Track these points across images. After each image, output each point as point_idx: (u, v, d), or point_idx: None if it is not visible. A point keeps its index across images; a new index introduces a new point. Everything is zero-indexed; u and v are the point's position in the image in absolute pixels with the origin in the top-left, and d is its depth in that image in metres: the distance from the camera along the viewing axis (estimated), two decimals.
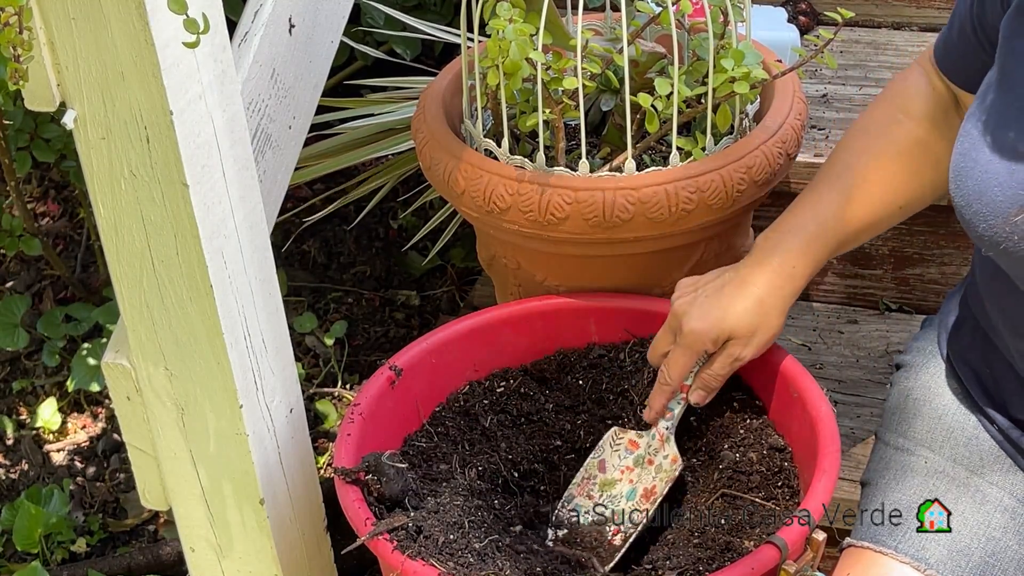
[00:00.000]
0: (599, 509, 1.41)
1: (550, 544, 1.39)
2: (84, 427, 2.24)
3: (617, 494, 1.42)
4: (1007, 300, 1.29)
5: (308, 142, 1.81)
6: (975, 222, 1.21)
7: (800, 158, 1.63)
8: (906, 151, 1.40)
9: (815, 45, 1.58)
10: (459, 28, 1.66)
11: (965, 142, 1.23)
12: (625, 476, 1.43)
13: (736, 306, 1.36)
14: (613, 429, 1.45)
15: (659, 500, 1.40)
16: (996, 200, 1.18)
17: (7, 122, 2.05)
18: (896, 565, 1.31)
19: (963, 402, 1.40)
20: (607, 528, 1.40)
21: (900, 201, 1.41)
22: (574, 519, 1.41)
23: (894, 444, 1.42)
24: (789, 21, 2.09)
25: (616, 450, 1.44)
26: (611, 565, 1.37)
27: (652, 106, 1.49)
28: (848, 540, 1.37)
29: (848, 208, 1.38)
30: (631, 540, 1.39)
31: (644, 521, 1.39)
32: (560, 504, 1.43)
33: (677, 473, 1.41)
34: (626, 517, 1.40)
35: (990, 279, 1.32)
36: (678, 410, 1.42)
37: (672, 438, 1.42)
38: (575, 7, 1.56)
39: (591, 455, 1.45)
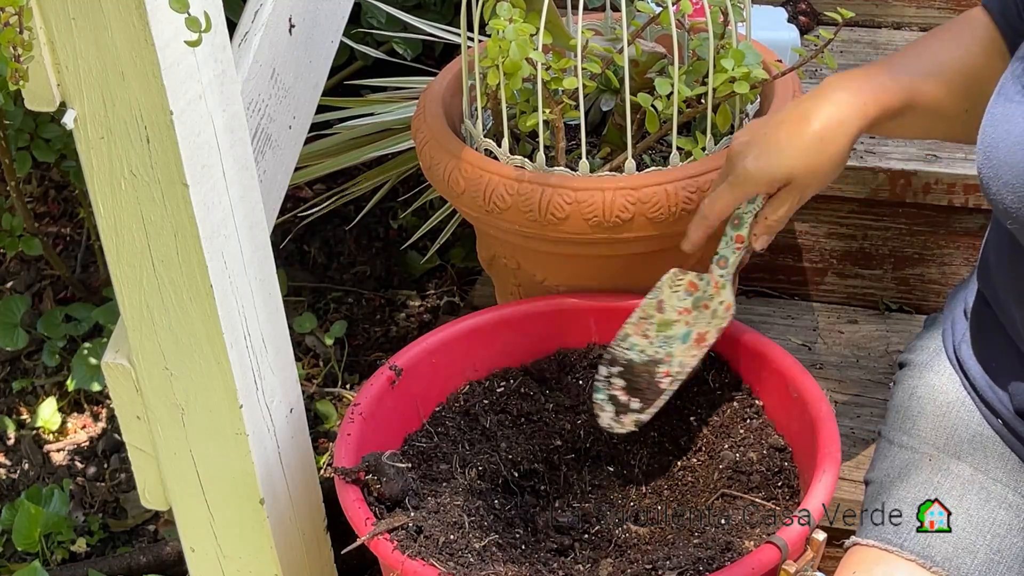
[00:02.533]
0: (654, 349, 1.39)
1: (602, 383, 1.39)
2: (84, 427, 2.24)
3: (673, 335, 1.40)
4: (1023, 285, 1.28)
5: (308, 142, 1.81)
6: (1003, 194, 1.17)
7: None
8: (983, 54, 1.34)
9: (815, 45, 1.58)
10: (459, 28, 1.66)
11: (996, 111, 1.20)
12: (683, 318, 1.42)
13: (795, 143, 1.29)
14: (672, 270, 1.43)
15: (706, 348, 1.41)
16: None
17: (7, 122, 2.05)
18: (901, 563, 1.31)
19: (968, 399, 1.40)
20: (659, 368, 1.40)
21: (965, 105, 1.35)
22: (628, 357, 1.40)
23: (898, 442, 1.42)
24: (789, 21, 2.09)
25: (676, 291, 1.42)
26: (654, 409, 1.40)
27: (652, 106, 1.49)
28: (853, 538, 1.37)
29: (922, 82, 1.32)
30: (679, 380, 1.41)
31: (693, 365, 1.40)
32: (615, 341, 1.43)
33: (727, 323, 1.39)
34: (676, 359, 1.40)
35: (1008, 266, 1.31)
36: (733, 259, 1.39)
37: (729, 286, 1.40)
38: (575, 7, 1.56)
39: (648, 295, 1.43)
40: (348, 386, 2.23)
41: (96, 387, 2.21)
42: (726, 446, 1.44)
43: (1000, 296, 1.35)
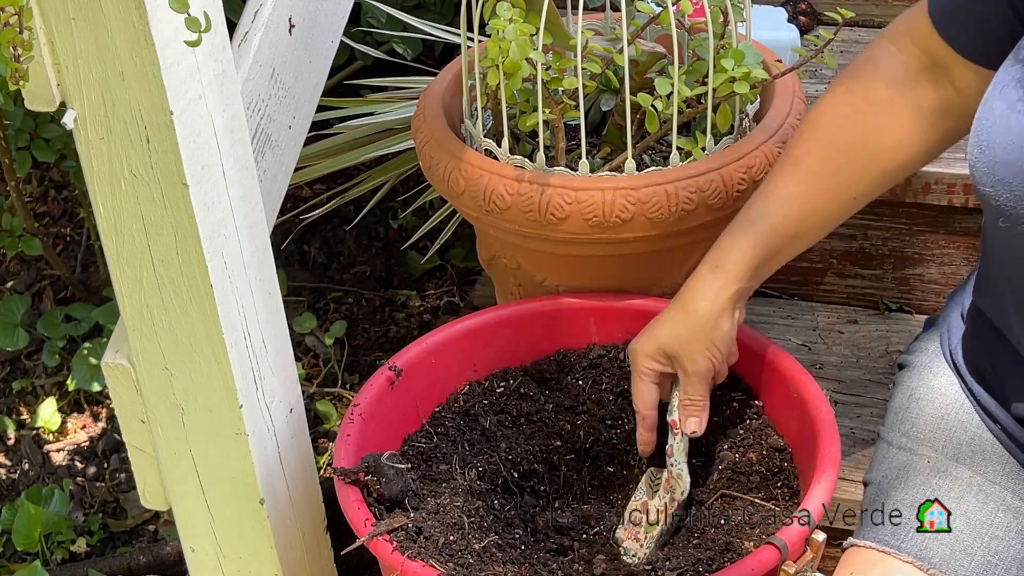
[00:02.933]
0: (644, 551, 1.40)
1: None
2: (84, 427, 2.24)
3: (659, 533, 1.41)
4: (1019, 289, 1.27)
5: (308, 142, 1.81)
6: (998, 191, 1.16)
7: None
8: (858, 144, 1.36)
9: (815, 45, 1.58)
10: (459, 28, 1.66)
11: (994, 108, 1.18)
12: (664, 514, 1.42)
13: (663, 320, 1.39)
14: (650, 469, 1.45)
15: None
16: None
17: (7, 122, 2.05)
18: (899, 565, 1.31)
19: (966, 401, 1.40)
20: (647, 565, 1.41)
21: (854, 201, 1.41)
22: (627, 563, 1.40)
23: (897, 444, 1.42)
24: (789, 21, 2.09)
25: (655, 490, 1.44)
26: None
27: (652, 106, 1.49)
28: (851, 540, 1.36)
29: (780, 212, 1.37)
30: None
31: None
32: (610, 542, 1.43)
33: (684, 497, 1.42)
34: (655, 541, 1.41)
35: (1003, 268, 1.31)
36: (677, 445, 1.41)
37: (684, 473, 1.41)
38: (575, 7, 1.56)
39: (634, 497, 1.45)
40: (348, 386, 2.23)
41: (96, 387, 2.22)
42: (726, 446, 1.44)
43: (996, 301, 1.34)
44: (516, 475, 1.46)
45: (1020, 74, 1.19)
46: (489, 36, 1.44)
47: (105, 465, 2.17)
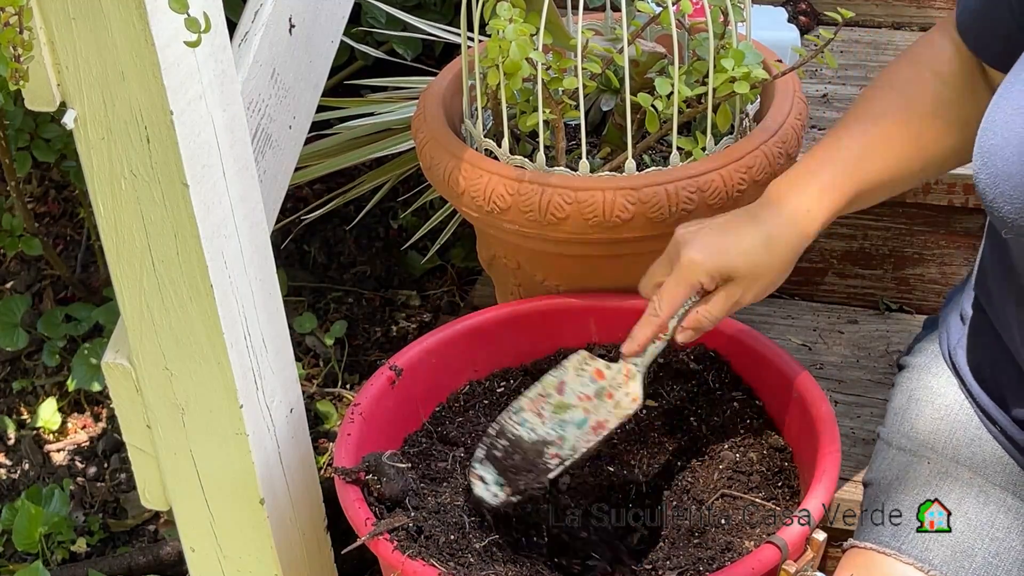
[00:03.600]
0: (545, 431, 1.36)
1: (482, 450, 1.36)
2: (84, 427, 2.24)
3: (568, 420, 1.38)
4: (1019, 294, 1.28)
5: (308, 142, 1.81)
6: (1000, 203, 1.16)
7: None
8: (931, 112, 1.34)
9: (815, 45, 1.58)
10: (459, 28, 1.66)
11: (996, 119, 1.18)
12: (582, 404, 1.38)
13: (743, 242, 1.29)
14: (583, 353, 1.40)
15: (605, 434, 1.37)
16: None
17: (7, 122, 2.05)
18: (899, 566, 1.31)
19: (966, 402, 1.40)
20: (548, 448, 1.37)
21: (919, 163, 1.35)
22: (516, 432, 1.37)
23: (897, 444, 1.42)
24: (789, 21, 2.09)
25: (581, 376, 1.39)
26: (538, 487, 1.35)
27: (652, 106, 1.49)
28: (851, 541, 1.37)
29: (868, 162, 1.32)
30: (565, 464, 1.36)
31: (587, 449, 1.36)
32: (508, 412, 1.39)
33: (632, 411, 1.36)
34: (568, 443, 1.36)
35: (1003, 274, 1.31)
36: (652, 348, 1.36)
37: (639, 377, 1.36)
38: (575, 7, 1.56)
39: (551, 372, 1.40)
40: (348, 386, 2.23)
41: (96, 387, 2.21)
42: (726, 446, 1.44)
43: (996, 304, 1.34)
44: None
45: (1019, 89, 1.19)
46: (489, 36, 1.44)
47: (105, 465, 2.17)
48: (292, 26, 1.49)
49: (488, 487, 1.35)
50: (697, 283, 1.30)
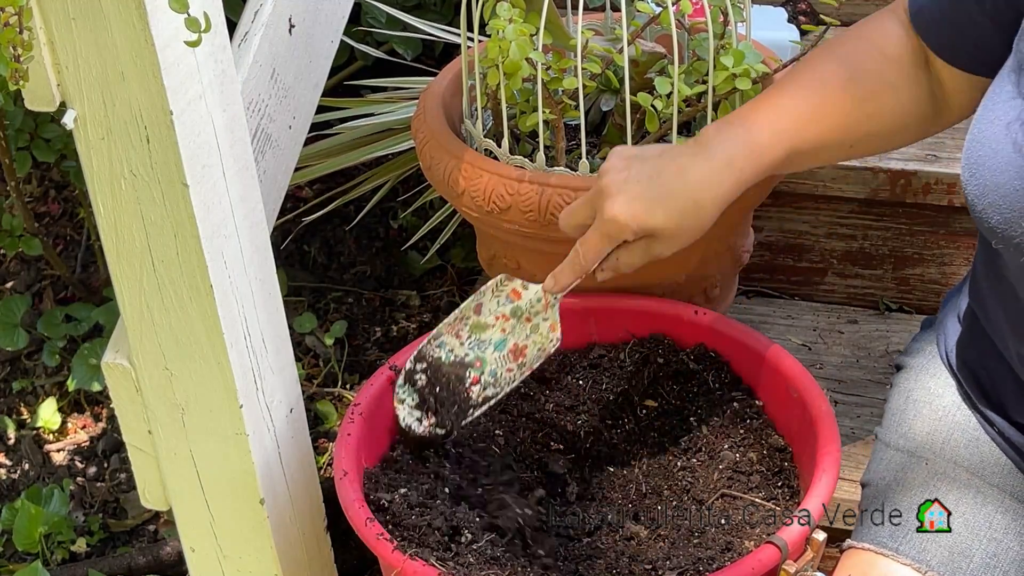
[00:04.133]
0: (463, 351, 1.36)
1: (402, 380, 1.37)
2: (84, 427, 2.24)
3: (486, 340, 1.38)
4: (1011, 302, 1.28)
5: (308, 142, 1.81)
6: (988, 214, 1.16)
7: None
8: (872, 88, 1.32)
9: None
10: (459, 28, 1.66)
11: (983, 131, 1.17)
12: (499, 324, 1.38)
13: (666, 201, 1.26)
14: (500, 276, 1.41)
15: (527, 368, 1.38)
16: (1016, 193, 1.13)
17: (7, 122, 2.05)
18: (897, 567, 1.31)
19: (963, 403, 1.40)
20: (468, 373, 1.37)
21: (852, 138, 1.33)
22: (436, 355, 1.38)
23: (895, 445, 1.42)
24: (789, 21, 2.09)
25: (497, 295, 1.39)
26: (465, 421, 1.36)
27: (652, 106, 1.49)
28: (849, 541, 1.37)
29: (804, 126, 1.30)
30: (489, 404, 1.36)
31: (507, 384, 1.36)
32: (427, 340, 1.40)
33: (553, 347, 1.36)
34: (488, 367, 1.36)
35: (995, 281, 1.31)
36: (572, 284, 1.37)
37: (557, 306, 1.36)
38: (575, 7, 1.56)
39: (471, 297, 1.40)
40: (348, 386, 2.23)
41: (96, 387, 2.21)
42: (726, 446, 1.44)
43: (988, 309, 1.35)
44: (517, 475, 1.46)
45: (1005, 100, 1.17)
46: (489, 36, 1.44)
47: (105, 465, 2.17)
48: (292, 26, 1.49)
49: (412, 411, 1.35)
50: (619, 239, 1.29)
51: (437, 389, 1.37)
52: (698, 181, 1.27)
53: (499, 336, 1.38)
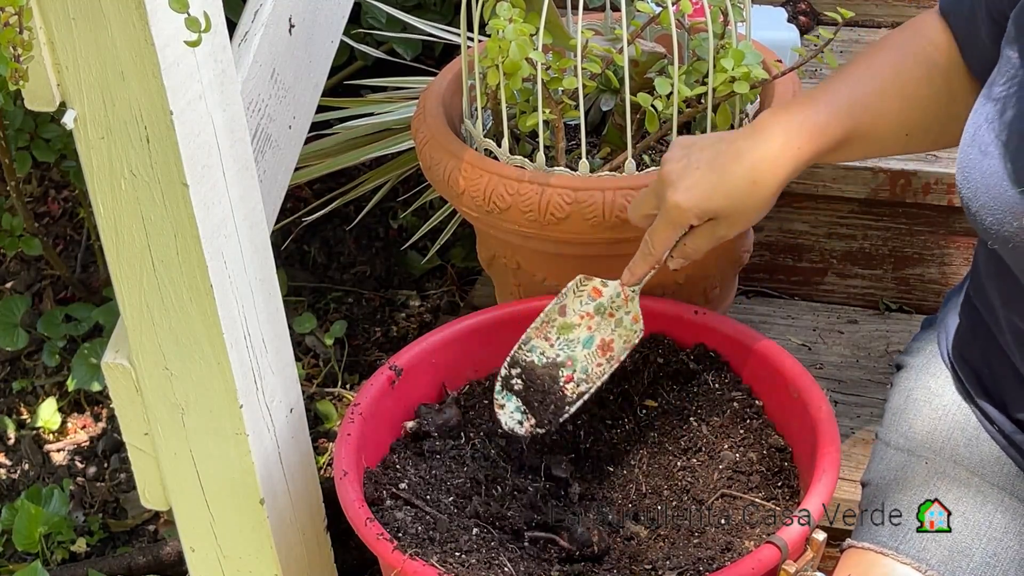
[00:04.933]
0: (554, 352, 1.40)
1: (500, 385, 1.41)
2: (84, 427, 2.24)
3: (574, 339, 1.41)
4: (1013, 298, 1.29)
5: (308, 142, 1.81)
6: (982, 215, 1.18)
7: None
8: (924, 76, 1.35)
9: (815, 45, 1.58)
10: (459, 28, 1.66)
11: (973, 133, 1.20)
12: (584, 322, 1.42)
13: (726, 183, 1.29)
14: (578, 276, 1.44)
15: (616, 361, 1.41)
16: (1006, 194, 1.15)
17: (7, 122, 2.05)
18: (897, 566, 1.31)
19: (964, 402, 1.40)
20: (560, 373, 1.41)
21: (908, 126, 1.36)
22: (528, 359, 1.41)
23: (895, 444, 1.42)
24: (789, 21, 2.09)
25: (579, 296, 1.43)
26: (563, 417, 1.40)
27: (652, 106, 1.49)
28: (849, 541, 1.37)
29: (860, 111, 1.32)
30: (584, 398, 1.41)
31: (599, 377, 1.40)
32: (517, 346, 1.44)
33: (638, 338, 1.40)
34: (579, 365, 1.40)
35: (996, 277, 1.31)
36: (648, 275, 1.40)
37: (636, 299, 1.41)
38: (575, 7, 1.56)
39: (554, 300, 1.44)
40: (348, 386, 2.23)
41: (96, 387, 2.22)
42: (726, 446, 1.44)
43: (989, 306, 1.35)
44: (517, 475, 1.46)
45: (992, 105, 1.20)
46: (489, 36, 1.44)
47: (105, 465, 2.17)
48: (292, 26, 1.49)
49: (512, 415, 1.40)
50: (685, 224, 1.32)
51: (534, 391, 1.41)
52: (756, 162, 1.29)
53: (586, 334, 1.42)
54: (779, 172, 1.30)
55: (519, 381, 1.41)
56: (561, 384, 1.41)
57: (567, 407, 1.41)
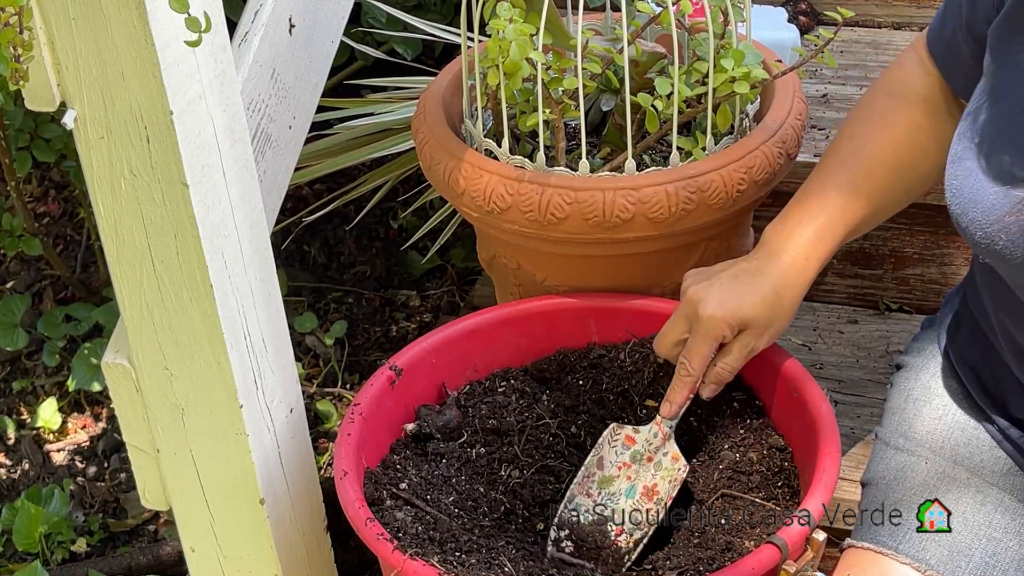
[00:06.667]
0: (599, 508, 1.40)
1: (552, 548, 1.39)
2: (84, 427, 2.24)
3: (616, 491, 1.41)
4: (1006, 304, 1.29)
5: (308, 142, 1.81)
6: (972, 229, 1.21)
7: (800, 158, 1.63)
8: (907, 138, 1.39)
9: (815, 45, 1.58)
10: (459, 28, 1.66)
11: (959, 151, 1.23)
12: (623, 472, 1.42)
13: (753, 294, 1.34)
14: (612, 425, 1.44)
15: (665, 501, 1.39)
16: (992, 208, 1.19)
17: (7, 122, 2.05)
18: (897, 566, 1.31)
19: (963, 402, 1.40)
20: (609, 527, 1.40)
21: (902, 191, 1.41)
22: (575, 519, 1.41)
23: (895, 444, 1.42)
24: (789, 21, 2.09)
25: (614, 446, 1.43)
26: (625, 568, 1.37)
27: (652, 106, 1.49)
28: (848, 541, 1.37)
29: (854, 202, 1.37)
30: (642, 544, 1.38)
31: (652, 522, 1.39)
32: (563, 504, 1.43)
33: (683, 474, 1.39)
34: (626, 517, 1.40)
35: (989, 283, 1.32)
36: (686, 403, 1.41)
37: (672, 438, 1.41)
38: (575, 7, 1.56)
39: (592, 452, 1.44)
40: (348, 386, 2.23)
41: (96, 387, 2.22)
42: (726, 446, 1.44)
43: (984, 310, 1.35)
44: (517, 475, 1.46)
45: (975, 121, 1.23)
46: (489, 36, 1.44)
47: (105, 465, 2.17)
48: (292, 26, 1.49)
49: None
50: (720, 336, 1.35)
51: (586, 549, 1.39)
52: (774, 278, 1.36)
53: (627, 484, 1.42)
54: (797, 283, 1.36)
55: (568, 543, 1.40)
56: (612, 539, 1.39)
57: (626, 557, 1.38)
